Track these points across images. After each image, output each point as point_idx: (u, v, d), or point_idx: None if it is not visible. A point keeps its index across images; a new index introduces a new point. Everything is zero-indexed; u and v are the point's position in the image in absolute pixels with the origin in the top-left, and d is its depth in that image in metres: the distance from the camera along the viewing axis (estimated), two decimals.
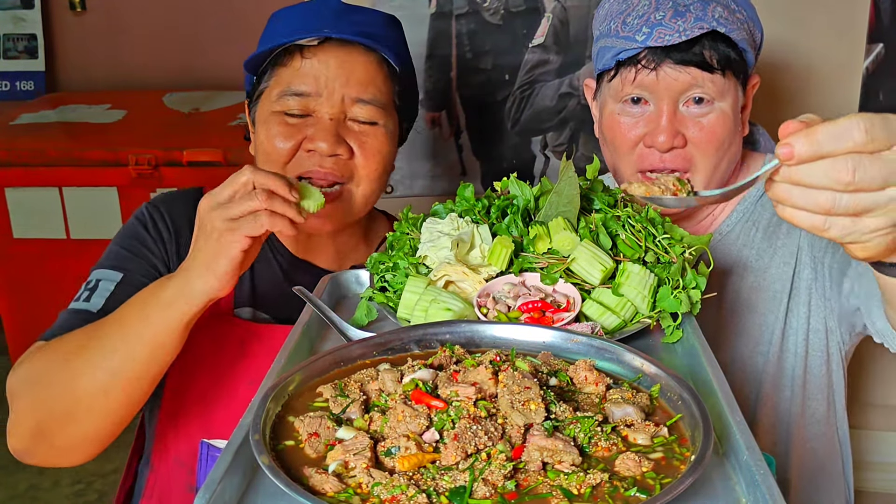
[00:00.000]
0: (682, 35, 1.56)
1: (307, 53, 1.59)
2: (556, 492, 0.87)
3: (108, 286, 1.56)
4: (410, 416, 0.95)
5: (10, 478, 3.46)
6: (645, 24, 1.58)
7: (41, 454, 1.47)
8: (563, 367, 1.09)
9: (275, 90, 1.61)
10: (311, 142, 1.57)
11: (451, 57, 2.43)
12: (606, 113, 1.70)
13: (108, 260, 1.62)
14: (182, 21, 4.26)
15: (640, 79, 1.61)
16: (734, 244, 1.78)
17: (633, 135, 1.65)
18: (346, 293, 1.49)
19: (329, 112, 1.58)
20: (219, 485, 0.88)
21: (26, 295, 3.52)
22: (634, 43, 1.59)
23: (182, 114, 3.76)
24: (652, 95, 1.62)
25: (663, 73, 1.60)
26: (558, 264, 1.31)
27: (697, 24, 1.56)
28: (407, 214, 1.48)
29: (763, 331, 1.76)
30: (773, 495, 0.88)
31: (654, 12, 1.59)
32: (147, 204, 1.71)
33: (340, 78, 1.58)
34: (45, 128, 3.69)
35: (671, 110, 1.61)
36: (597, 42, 1.71)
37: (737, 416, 1.02)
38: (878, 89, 2.35)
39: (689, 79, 1.59)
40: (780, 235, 1.76)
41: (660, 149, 1.62)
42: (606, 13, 1.69)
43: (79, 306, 1.54)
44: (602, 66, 1.67)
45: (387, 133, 1.63)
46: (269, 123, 1.60)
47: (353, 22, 1.62)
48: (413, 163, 2.50)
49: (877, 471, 2.55)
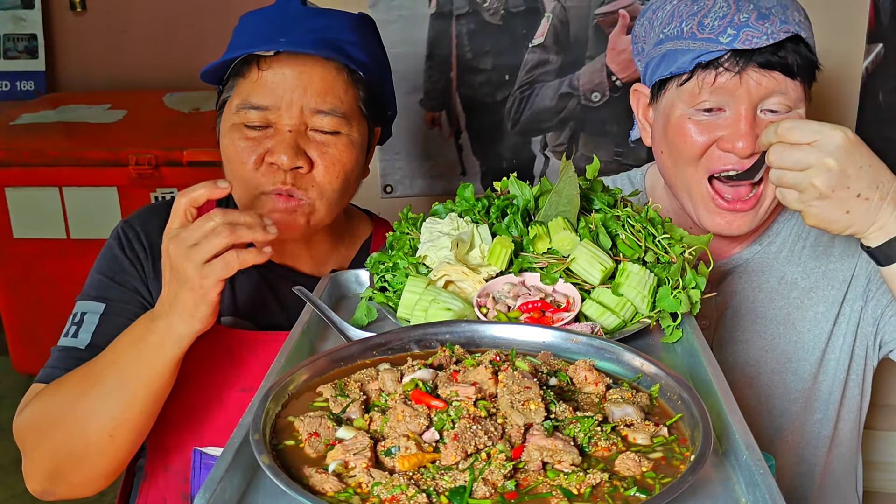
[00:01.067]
0: (769, 38, 1.49)
1: (263, 65, 1.55)
2: (555, 491, 0.87)
3: (94, 319, 1.57)
4: (410, 415, 0.95)
5: (9, 478, 3.45)
6: (729, 26, 1.51)
7: (60, 492, 1.52)
8: (562, 367, 1.09)
9: (234, 101, 1.58)
10: (272, 155, 1.54)
11: (451, 57, 2.43)
12: (675, 117, 1.61)
13: (90, 290, 1.63)
14: (182, 21, 4.26)
15: (720, 82, 1.54)
16: (777, 257, 1.74)
17: (706, 138, 1.58)
18: (346, 293, 1.49)
19: (289, 124, 1.55)
20: (219, 485, 0.88)
21: (26, 295, 3.52)
22: (718, 45, 1.51)
23: (182, 114, 3.76)
24: (731, 100, 1.55)
25: (747, 77, 1.53)
26: (558, 264, 1.31)
27: (783, 27, 1.50)
28: (407, 214, 1.48)
29: (798, 349, 1.72)
30: (772, 495, 0.88)
31: (737, 14, 1.52)
32: (122, 223, 1.69)
33: (298, 89, 1.54)
34: (45, 128, 3.69)
35: (750, 115, 1.55)
36: (660, 45, 1.61)
37: (736, 416, 1.02)
38: (878, 89, 2.35)
39: (773, 84, 1.53)
40: (832, 258, 1.72)
41: (740, 154, 1.55)
42: (672, 15, 1.60)
43: (67, 343, 1.56)
44: (675, 70, 1.58)
45: (350, 142, 1.59)
46: (232, 136, 1.58)
47: (311, 29, 1.57)
48: (413, 163, 2.50)
49: (884, 471, 2.55)
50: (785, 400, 1.74)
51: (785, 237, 1.75)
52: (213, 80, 1.66)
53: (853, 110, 2.35)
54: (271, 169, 1.55)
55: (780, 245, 1.74)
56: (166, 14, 4.28)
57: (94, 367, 1.44)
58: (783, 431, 1.75)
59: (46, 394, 1.48)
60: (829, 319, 1.71)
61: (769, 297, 1.73)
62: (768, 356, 1.73)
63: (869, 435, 2.48)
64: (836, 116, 2.34)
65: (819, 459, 1.78)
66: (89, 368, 1.44)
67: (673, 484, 0.86)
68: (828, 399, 1.75)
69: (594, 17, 2.40)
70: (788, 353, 1.72)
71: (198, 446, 1.54)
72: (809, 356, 1.72)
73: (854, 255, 1.69)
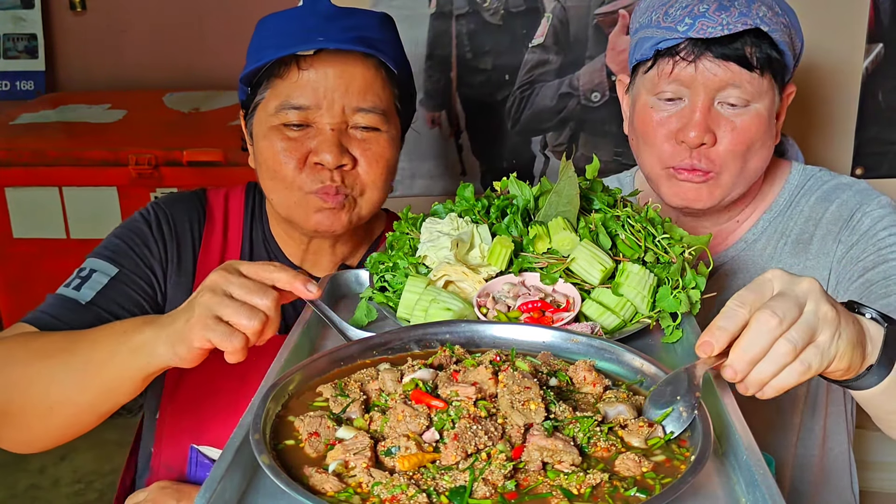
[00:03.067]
0: (724, 28, 1.52)
1: (303, 64, 1.55)
2: (556, 492, 0.88)
3: (102, 279, 1.55)
4: (410, 415, 0.95)
5: (9, 477, 3.45)
6: (688, 16, 1.55)
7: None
8: (562, 367, 1.09)
9: (272, 102, 1.58)
10: (316, 154, 1.55)
11: (451, 57, 2.43)
12: (640, 105, 1.66)
13: (105, 250, 1.61)
14: (182, 21, 4.26)
15: (677, 71, 1.58)
16: (761, 255, 1.75)
17: (665, 130, 1.62)
18: (346, 293, 1.49)
19: (330, 123, 1.56)
20: (219, 485, 0.88)
21: (26, 295, 3.52)
22: (675, 33, 1.55)
23: (182, 114, 3.75)
24: (688, 90, 1.59)
25: (702, 66, 1.56)
26: (558, 264, 1.31)
27: (741, 19, 1.53)
28: (407, 214, 1.48)
29: None
30: (772, 495, 0.88)
31: (699, 4, 1.55)
32: (153, 203, 1.70)
33: (339, 88, 1.55)
34: (45, 128, 3.68)
35: (706, 106, 1.58)
36: (635, 34, 1.67)
37: (737, 416, 1.02)
38: (878, 89, 2.35)
39: (729, 75, 1.56)
40: (809, 254, 1.71)
41: (690, 144, 1.59)
42: (648, 5, 1.65)
43: (68, 293, 1.53)
44: (639, 57, 1.64)
45: (389, 139, 1.61)
46: (271, 138, 1.58)
47: (347, 27, 1.58)
48: (413, 163, 2.50)
49: (880, 471, 2.55)
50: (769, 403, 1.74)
51: (770, 235, 1.75)
52: (246, 81, 1.64)
53: (853, 110, 2.35)
54: (316, 169, 1.56)
55: (764, 243, 1.75)
56: (166, 14, 4.27)
57: (76, 337, 1.38)
58: (773, 428, 1.76)
59: (21, 340, 1.43)
60: None
61: None
62: None
63: (866, 435, 2.48)
64: (837, 116, 2.35)
65: (811, 457, 1.78)
66: (72, 337, 1.38)
67: (673, 484, 0.86)
68: (816, 393, 1.76)
69: (594, 17, 2.40)
70: None
71: (196, 443, 1.54)
72: None
73: (829, 254, 1.68)
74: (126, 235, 1.64)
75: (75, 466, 3.54)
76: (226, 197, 1.76)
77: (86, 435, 1.44)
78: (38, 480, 3.47)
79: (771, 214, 1.76)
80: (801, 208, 1.74)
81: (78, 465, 3.54)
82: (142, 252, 1.62)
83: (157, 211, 1.68)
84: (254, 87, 1.63)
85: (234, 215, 1.73)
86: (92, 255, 1.61)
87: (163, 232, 1.65)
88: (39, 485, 3.45)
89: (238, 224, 1.73)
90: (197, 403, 1.57)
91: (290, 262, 1.72)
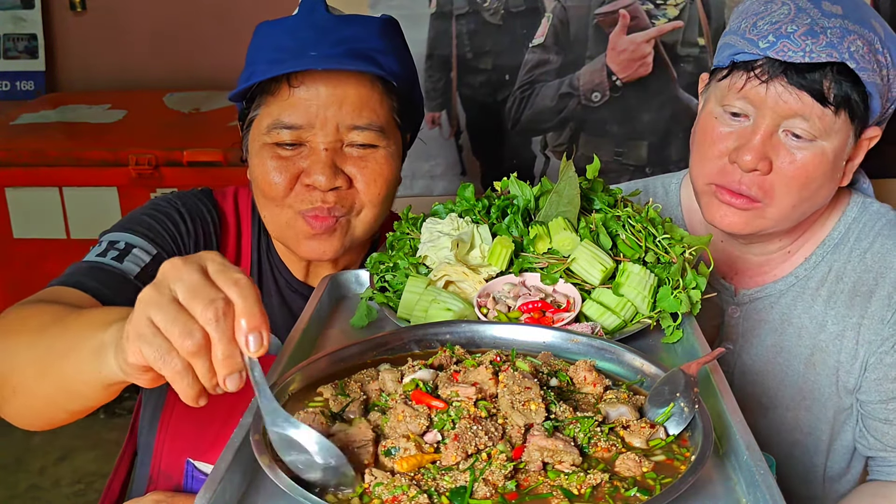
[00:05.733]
0: (806, 56, 1.42)
1: (294, 81, 1.48)
2: (556, 492, 0.88)
3: (144, 256, 1.48)
4: (411, 416, 0.95)
5: (10, 477, 3.46)
6: (773, 33, 1.45)
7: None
8: (563, 368, 1.09)
9: (264, 121, 1.51)
10: (308, 176, 1.50)
11: (451, 57, 2.43)
12: (706, 112, 1.58)
13: (138, 226, 1.52)
14: (182, 21, 4.26)
15: (748, 88, 1.48)
16: (814, 296, 1.65)
17: (723, 146, 1.53)
18: (346, 293, 1.49)
19: (324, 142, 1.49)
20: (219, 485, 0.88)
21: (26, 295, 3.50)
22: (755, 48, 1.46)
23: (182, 114, 3.75)
24: (755, 110, 1.50)
25: (773, 89, 1.46)
26: (558, 264, 1.31)
27: (827, 49, 1.42)
28: (407, 214, 1.48)
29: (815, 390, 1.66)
30: (772, 495, 0.88)
31: (788, 24, 1.45)
32: (174, 195, 1.64)
33: (333, 106, 1.48)
34: (45, 128, 3.68)
35: (769, 131, 1.48)
36: (723, 37, 1.58)
37: (737, 416, 1.02)
38: None
39: (799, 105, 1.45)
40: (867, 313, 1.62)
41: (743, 167, 1.49)
42: (744, 10, 1.56)
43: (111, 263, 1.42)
44: (717, 63, 1.56)
45: (388, 155, 1.54)
46: (262, 157, 1.52)
47: (340, 39, 1.49)
48: (413, 163, 2.50)
49: None
50: (796, 433, 1.69)
51: (824, 273, 1.66)
52: (237, 99, 1.59)
53: None
54: (307, 190, 1.50)
55: (818, 281, 1.66)
56: (166, 14, 4.27)
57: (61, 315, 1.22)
58: (792, 460, 1.70)
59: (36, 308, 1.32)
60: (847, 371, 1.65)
61: (798, 332, 1.66)
62: (785, 392, 1.67)
63: None
64: None
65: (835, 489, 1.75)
66: (59, 315, 1.23)
67: (673, 484, 0.86)
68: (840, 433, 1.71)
69: (594, 17, 2.40)
70: (804, 392, 1.67)
71: (192, 457, 1.52)
72: (826, 401, 1.66)
73: (884, 322, 1.60)
74: (158, 219, 1.57)
75: (75, 467, 3.54)
76: (235, 203, 1.70)
77: (86, 435, 1.42)
78: (39, 481, 3.46)
79: (825, 249, 1.66)
80: (860, 249, 1.65)
81: (78, 465, 3.54)
82: (174, 237, 1.56)
83: (175, 200, 1.61)
84: (248, 101, 1.58)
85: (245, 224, 1.69)
86: (121, 230, 1.51)
87: (194, 226, 1.59)
88: (40, 485, 3.44)
89: (248, 233, 1.68)
90: (199, 418, 1.53)
91: (293, 275, 1.68)
